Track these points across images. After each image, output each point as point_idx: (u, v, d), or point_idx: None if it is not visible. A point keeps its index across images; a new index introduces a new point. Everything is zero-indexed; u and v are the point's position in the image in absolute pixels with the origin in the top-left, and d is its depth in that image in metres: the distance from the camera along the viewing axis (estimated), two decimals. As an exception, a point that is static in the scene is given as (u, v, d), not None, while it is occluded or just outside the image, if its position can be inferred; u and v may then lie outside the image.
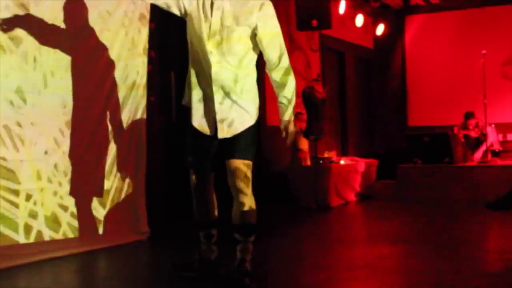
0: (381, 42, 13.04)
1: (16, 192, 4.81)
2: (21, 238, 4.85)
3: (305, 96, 8.70)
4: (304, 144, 9.01)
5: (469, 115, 10.64)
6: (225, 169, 3.97)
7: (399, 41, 13.21)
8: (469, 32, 12.42)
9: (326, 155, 9.12)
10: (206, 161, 4.08)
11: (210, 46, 3.88)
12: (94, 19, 5.47)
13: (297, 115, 8.66)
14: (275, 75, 3.98)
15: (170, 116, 7.16)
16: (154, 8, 6.09)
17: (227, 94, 3.91)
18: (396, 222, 7.39)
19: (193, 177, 4.18)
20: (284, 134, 3.99)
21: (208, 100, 3.97)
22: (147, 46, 6.10)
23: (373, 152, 12.22)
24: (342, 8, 10.83)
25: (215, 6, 3.86)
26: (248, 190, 3.93)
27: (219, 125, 3.93)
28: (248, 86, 3.96)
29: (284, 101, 3.98)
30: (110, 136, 5.70)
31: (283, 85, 3.98)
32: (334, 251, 5.48)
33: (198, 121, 4.02)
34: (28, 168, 4.92)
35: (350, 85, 12.37)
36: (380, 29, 12.63)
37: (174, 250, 5.42)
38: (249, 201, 3.94)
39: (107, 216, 5.61)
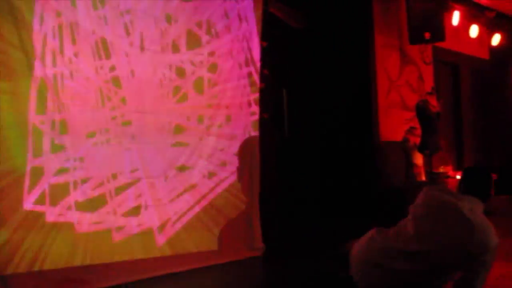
0: (498, 53, 12.60)
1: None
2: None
3: (419, 110, 8.53)
4: (418, 159, 8.80)
5: None
6: None
7: (517, 51, 12.74)
8: None
9: (441, 170, 8.88)
10: None
11: None
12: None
13: (411, 129, 8.52)
14: None
15: (282, 132, 7.21)
16: (265, 27, 6.17)
17: None
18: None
19: None
20: None
21: None
22: (258, 64, 6.18)
23: (490, 166, 11.79)
24: (455, 20, 10.56)
25: None
26: None
27: None
28: None
29: None
30: (223, 152, 5.82)
31: None
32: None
33: None
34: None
35: (465, 98, 12.02)
36: (496, 39, 12.20)
37: (288, 266, 5.42)
38: None
39: (221, 233, 5.70)
